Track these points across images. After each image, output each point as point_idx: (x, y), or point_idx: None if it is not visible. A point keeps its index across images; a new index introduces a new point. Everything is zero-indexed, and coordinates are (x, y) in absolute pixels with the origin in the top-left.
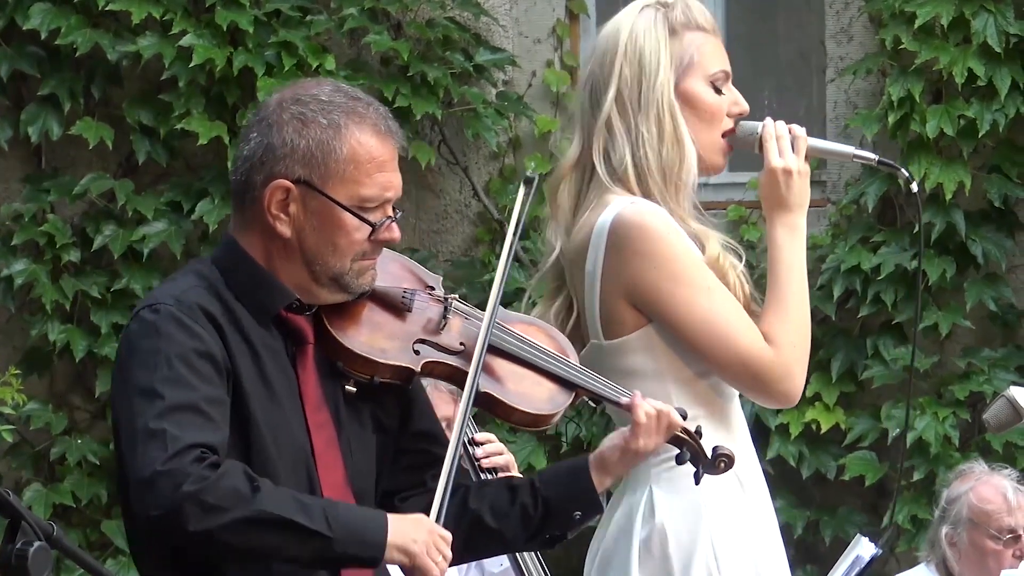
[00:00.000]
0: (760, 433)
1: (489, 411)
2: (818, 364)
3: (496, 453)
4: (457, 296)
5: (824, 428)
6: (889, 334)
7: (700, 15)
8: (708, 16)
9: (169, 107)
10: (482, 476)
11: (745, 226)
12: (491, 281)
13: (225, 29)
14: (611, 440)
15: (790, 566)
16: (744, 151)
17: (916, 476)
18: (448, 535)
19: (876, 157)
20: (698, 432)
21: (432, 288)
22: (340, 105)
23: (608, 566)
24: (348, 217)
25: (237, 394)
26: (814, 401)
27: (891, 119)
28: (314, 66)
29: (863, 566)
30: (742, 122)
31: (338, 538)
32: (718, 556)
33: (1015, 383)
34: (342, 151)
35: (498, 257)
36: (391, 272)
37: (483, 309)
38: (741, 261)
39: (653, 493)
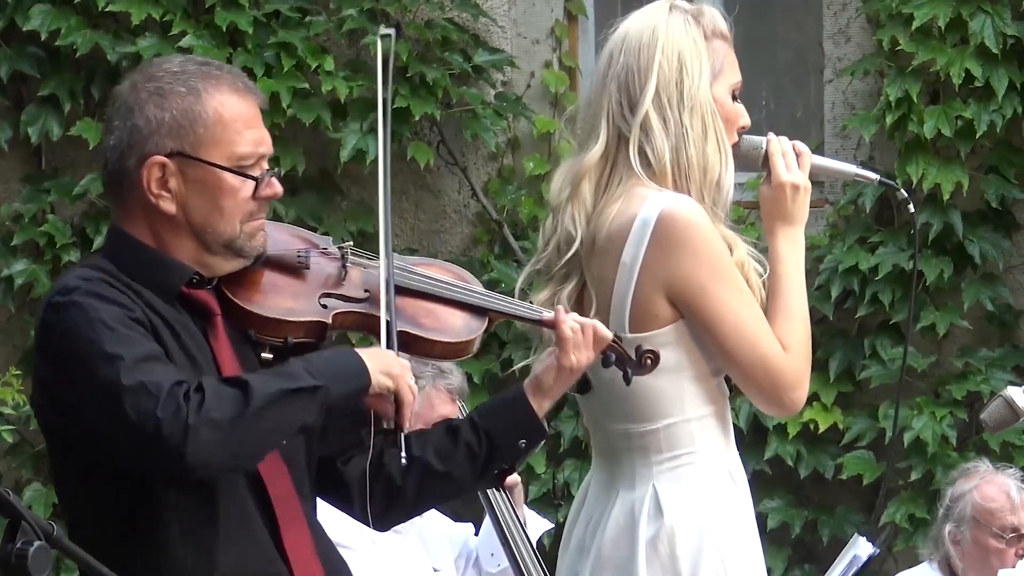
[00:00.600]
0: (758, 433)
1: (410, 351)
2: (816, 364)
3: None
4: (351, 245)
5: (822, 428)
6: (887, 334)
7: (723, 26)
8: (724, 26)
9: None
10: None
11: (743, 226)
12: (491, 281)
13: (224, 30)
14: (543, 362)
15: (788, 565)
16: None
17: (913, 476)
18: (408, 364)
19: (877, 177)
20: (617, 336)
21: (325, 248)
22: (193, 72)
23: (605, 565)
24: (229, 177)
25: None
26: (812, 401)
27: (889, 120)
28: (313, 67)
29: (861, 565)
30: (745, 136)
31: (330, 383)
32: (724, 556)
33: (1012, 383)
34: (207, 114)
35: (497, 258)
36: (280, 239)
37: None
38: (765, 272)
39: (658, 491)
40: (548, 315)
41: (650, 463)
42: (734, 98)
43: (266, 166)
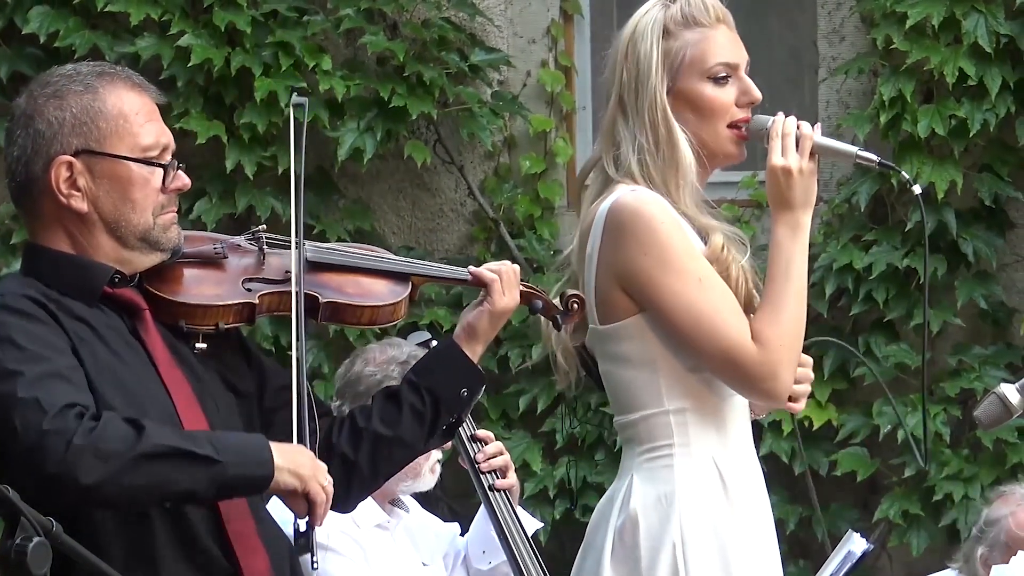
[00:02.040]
0: (753, 430)
1: (340, 321)
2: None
3: (497, 454)
4: (264, 228)
5: (816, 425)
6: (881, 332)
7: (699, 10)
8: (713, 8)
9: (167, 107)
10: (482, 478)
11: (738, 224)
12: None
13: (223, 29)
14: (473, 307)
15: (783, 561)
16: (747, 149)
17: (907, 472)
18: (323, 465)
19: (877, 159)
20: (538, 288)
21: (237, 243)
22: (87, 72)
23: (588, 551)
24: (137, 168)
25: (89, 375)
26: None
27: (883, 119)
28: (311, 66)
29: (855, 561)
30: (756, 116)
31: (228, 461)
32: (686, 548)
33: (1005, 380)
34: (107, 108)
35: (494, 256)
36: (194, 241)
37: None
38: (746, 254)
39: (633, 481)
40: (464, 273)
41: (634, 454)
42: (720, 82)
43: (169, 158)
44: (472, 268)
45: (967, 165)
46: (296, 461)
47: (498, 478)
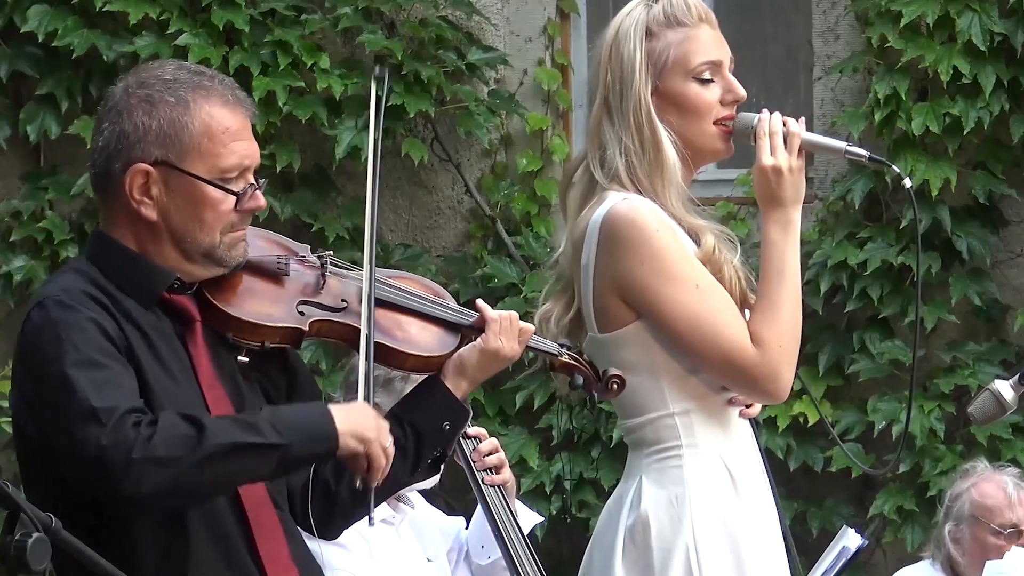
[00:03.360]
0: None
1: (382, 362)
2: (805, 358)
3: (492, 451)
4: (331, 254)
5: (811, 421)
6: (875, 328)
7: (681, 10)
8: (695, 7)
9: None
10: (477, 476)
11: (734, 222)
12: (484, 276)
13: (221, 28)
14: (471, 344)
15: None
16: (735, 146)
17: (902, 468)
18: (386, 426)
19: (867, 154)
20: (581, 355)
21: (303, 256)
22: (185, 81)
23: (595, 551)
24: (211, 190)
25: (140, 378)
26: (801, 395)
27: (877, 117)
28: (308, 65)
29: (849, 557)
30: (741, 113)
31: (292, 441)
32: (699, 549)
33: (999, 377)
34: (194, 125)
35: (491, 253)
36: (259, 246)
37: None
38: (737, 253)
39: (642, 483)
40: (474, 315)
41: (641, 456)
42: (705, 81)
43: (251, 178)
44: (479, 303)
45: (961, 163)
46: (359, 424)
47: (493, 474)
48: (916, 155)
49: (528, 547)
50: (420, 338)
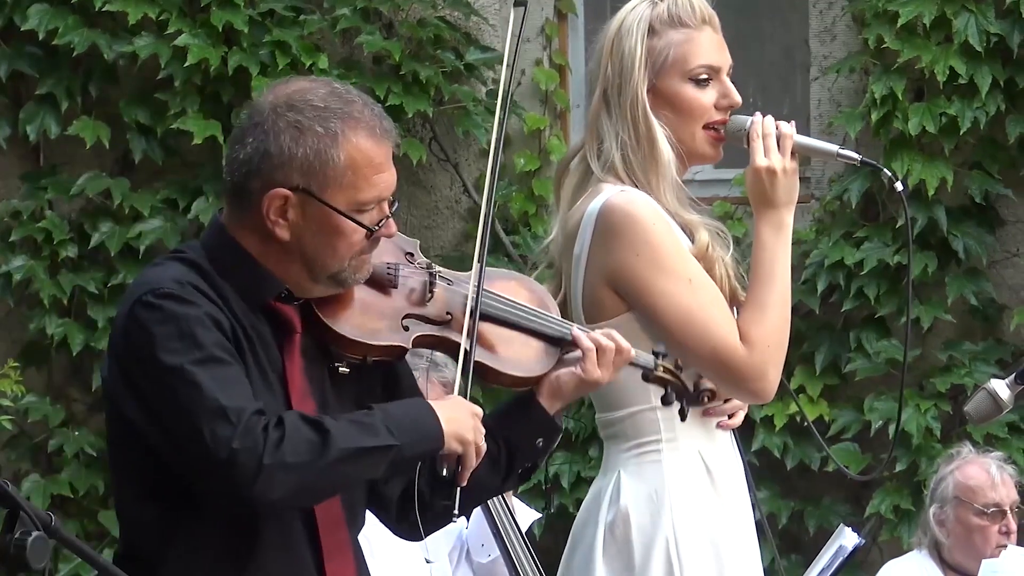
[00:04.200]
0: (745, 425)
1: (481, 378)
2: (802, 357)
3: None
4: (436, 264)
5: (808, 419)
6: (872, 328)
7: (685, 10)
8: (700, 10)
9: (165, 106)
10: None
11: (731, 221)
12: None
13: (220, 29)
14: (569, 367)
15: (773, 557)
16: (732, 146)
17: (898, 467)
18: (479, 409)
19: (859, 157)
20: (678, 367)
21: (411, 254)
22: (336, 111)
23: (576, 547)
24: (347, 222)
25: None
26: (798, 393)
27: (874, 117)
28: (307, 65)
29: (846, 555)
30: (733, 116)
31: (404, 442)
32: (679, 544)
33: (995, 376)
34: (340, 159)
35: (489, 252)
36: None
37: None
38: (729, 250)
39: (621, 478)
40: (567, 332)
41: (620, 451)
42: (702, 83)
43: (386, 208)
44: (575, 330)
45: (957, 163)
46: (461, 425)
47: None
48: (912, 155)
49: (526, 545)
50: (521, 355)
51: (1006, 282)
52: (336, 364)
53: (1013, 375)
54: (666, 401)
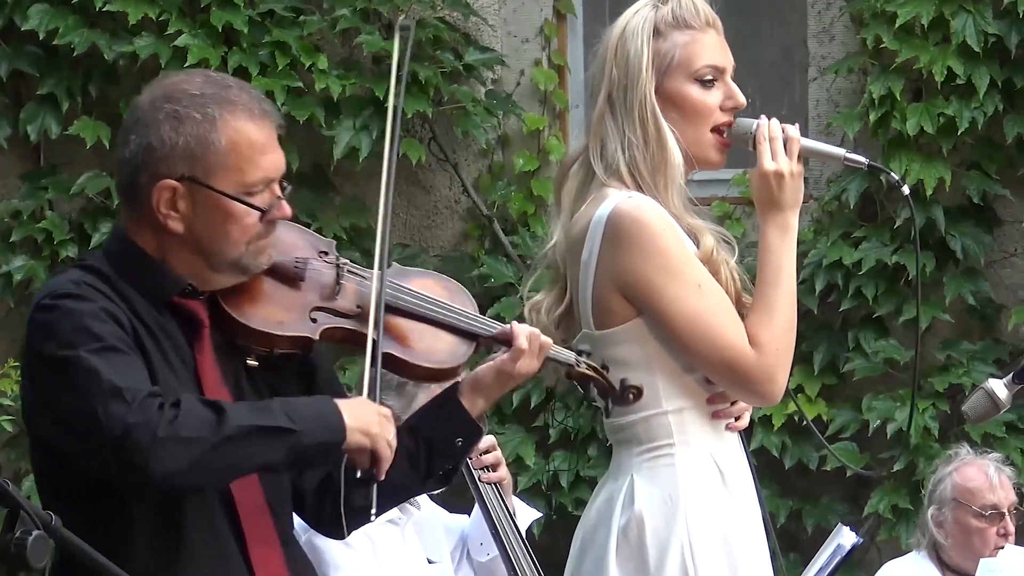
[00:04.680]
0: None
1: (391, 370)
2: (800, 357)
3: (489, 449)
4: (349, 261)
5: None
6: (870, 327)
7: (689, 12)
8: (704, 11)
9: None
10: (474, 474)
11: (729, 222)
12: (482, 276)
13: (220, 29)
14: (487, 363)
15: (774, 554)
16: (731, 147)
17: (896, 466)
18: (386, 410)
19: (867, 161)
20: (604, 367)
21: (325, 252)
22: (211, 96)
23: (587, 550)
24: (237, 206)
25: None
26: (796, 393)
27: (872, 117)
28: (307, 65)
29: (844, 554)
30: (739, 119)
31: (304, 430)
32: (693, 547)
33: (993, 375)
34: (221, 142)
35: (488, 253)
36: (284, 241)
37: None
38: (734, 255)
39: (634, 482)
40: (498, 329)
41: (632, 454)
42: (707, 85)
43: (277, 189)
44: (514, 326)
45: (955, 163)
46: (365, 419)
47: (490, 472)
48: (910, 155)
49: (525, 544)
50: (432, 348)
51: (1004, 282)
52: (245, 357)
53: (1011, 374)
54: (587, 398)
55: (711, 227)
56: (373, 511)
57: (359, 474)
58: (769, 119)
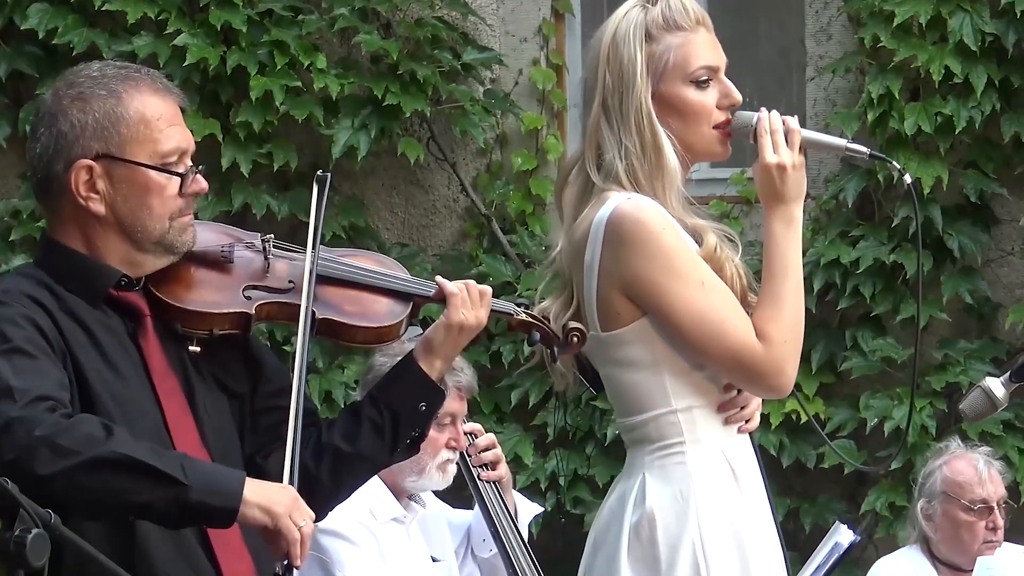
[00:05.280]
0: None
1: (334, 337)
2: None
3: (489, 447)
4: (273, 237)
5: (804, 418)
6: (868, 326)
7: (680, 13)
8: (693, 11)
9: None
10: (473, 472)
11: (727, 220)
12: (480, 275)
13: (219, 28)
14: (437, 322)
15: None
16: (734, 146)
17: (893, 464)
18: (304, 506)
19: (868, 151)
20: (545, 318)
21: (250, 243)
22: (112, 75)
23: (599, 549)
24: (155, 175)
25: (80, 377)
26: (794, 391)
27: (870, 116)
28: (306, 64)
29: (842, 552)
30: (738, 113)
31: (193, 486)
32: (705, 544)
33: (990, 374)
34: (129, 115)
35: (486, 251)
36: (207, 238)
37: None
38: (738, 252)
39: (646, 480)
40: (432, 289)
41: (643, 453)
42: (703, 85)
43: (190, 163)
44: (438, 279)
45: (953, 162)
46: (271, 498)
47: (489, 470)
48: (908, 154)
49: (524, 543)
50: (368, 311)
51: (1001, 280)
52: (186, 345)
53: (1008, 373)
54: (531, 342)
55: (713, 225)
56: None
57: (276, 567)
58: (769, 111)
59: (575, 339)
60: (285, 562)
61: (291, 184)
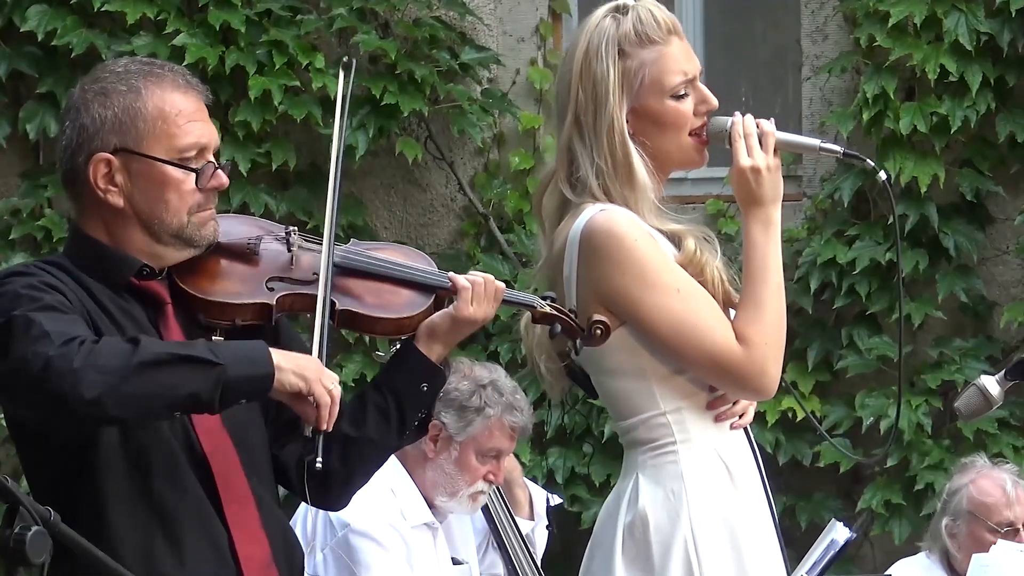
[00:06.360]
0: None
1: (355, 328)
2: (794, 354)
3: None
4: (295, 229)
5: (800, 416)
6: (863, 325)
7: (651, 27)
8: (664, 21)
9: None
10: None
11: (723, 219)
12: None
13: (217, 29)
14: (444, 310)
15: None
16: (722, 146)
17: (889, 462)
18: (332, 373)
19: (841, 149)
20: (572, 311)
21: (277, 235)
22: (136, 71)
23: (596, 550)
24: (171, 170)
25: None
26: (791, 389)
27: (866, 116)
28: (304, 64)
29: (838, 550)
30: (713, 118)
31: (228, 363)
32: (698, 543)
33: (985, 372)
34: (147, 110)
35: (484, 250)
36: (239, 231)
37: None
38: (718, 254)
39: (639, 480)
40: (448, 281)
41: (637, 454)
42: (680, 96)
43: (210, 157)
44: (451, 274)
45: (949, 161)
46: (300, 364)
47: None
48: (904, 153)
49: (523, 542)
50: (389, 302)
51: (996, 279)
52: (209, 335)
53: (1003, 371)
54: (552, 335)
55: (691, 228)
56: (318, 461)
57: (307, 430)
58: (743, 115)
59: (599, 331)
60: (314, 421)
61: (289, 183)
